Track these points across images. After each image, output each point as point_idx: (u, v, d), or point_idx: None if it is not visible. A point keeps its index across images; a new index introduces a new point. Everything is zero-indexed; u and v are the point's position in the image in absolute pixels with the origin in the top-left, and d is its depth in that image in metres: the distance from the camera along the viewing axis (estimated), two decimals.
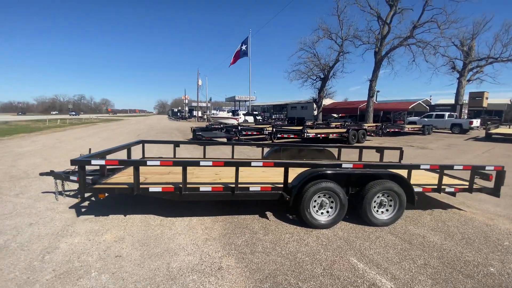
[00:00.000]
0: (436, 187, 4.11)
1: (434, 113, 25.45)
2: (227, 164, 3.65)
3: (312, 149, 6.21)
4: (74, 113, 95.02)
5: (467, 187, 4.25)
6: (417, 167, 4.01)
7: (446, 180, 4.84)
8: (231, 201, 4.51)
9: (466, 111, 29.78)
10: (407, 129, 19.87)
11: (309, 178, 3.56)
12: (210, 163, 3.57)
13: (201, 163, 3.52)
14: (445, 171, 5.25)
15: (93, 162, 3.42)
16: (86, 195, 4.66)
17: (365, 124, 19.14)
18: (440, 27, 23.19)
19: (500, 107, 42.70)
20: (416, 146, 13.80)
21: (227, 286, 2.42)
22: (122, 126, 28.83)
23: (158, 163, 3.42)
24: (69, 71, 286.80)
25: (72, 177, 4.15)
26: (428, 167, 4.00)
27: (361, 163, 3.78)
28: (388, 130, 18.86)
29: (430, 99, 48.09)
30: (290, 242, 3.27)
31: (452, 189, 4.22)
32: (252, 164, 3.62)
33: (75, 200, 4.60)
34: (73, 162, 3.38)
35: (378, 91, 38.62)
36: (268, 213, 4.16)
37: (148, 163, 3.43)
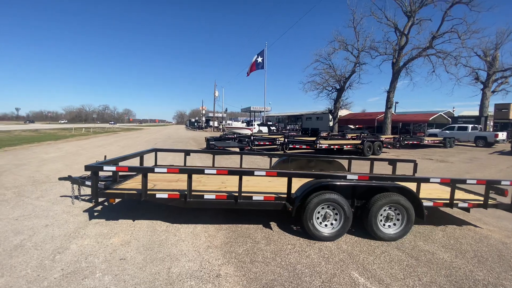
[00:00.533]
0: (448, 201, 3.96)
1: (457, 125, 24.39)
2: (230, 172, 3.73)
3: (321, 160, 6.17)
4: (113, 122, 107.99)
5: (482, 202, 4.05)
6: (426, 180, 3.89)
7: (461, 195, 4.65)
8: (237, 210, 4.56)
9: (492, 124, 28.36)
10: (426, 141, 19.15)
11: (313, 188, 3.55)
12: (214, 171, 3.66)
13: (206, 171, 3.62)
14: (461, 186, 5.06)
15: (105, 168, 3.61)
16: (100, 200, 4.88)
17: (382, 136, 18.67)
18: (460, 38, 22.56)
19: None
20: (435, 160, 13.26)
21: None
22: (141, 135, 29.90)
23: (165, 170, 3.56)
24: (97, 82, 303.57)
25: (87, 182, 4.39)
26: (438, 180, 3.87)
27: (366, 175, 3.72)
28: (406, 142, 18.27)
29: (453, 111, 46.22)
30: (291, 253, 3.26)
31: (465, 205, 4.03)
32: (255, 173, 3.67)
33: (90, 204, 4.83)
34: (87, 167, 3.60)
35: (397, 102, 37.86)
36: (272, 224, 4.15)
37: (156, 170, 3.58)
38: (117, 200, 4.83)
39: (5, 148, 13.80)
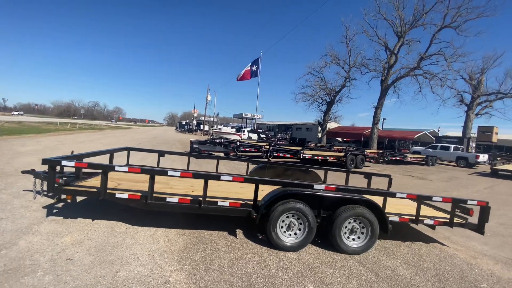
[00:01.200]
0: (414, 218, 3.96)
1: (440, 144, 25.03)
2: (195, 175, 3.63)
3: (298, 170, 6.14)
4: (114, 120, 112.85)
5: (448, 220, 4.08)
6: (393, 195, 3.90)
7: (429, 212, 4.68)
8: (206, 216, 4.43)
9: (474, 145, 29.25)
10: (409, 158, 19.51)
11: (278, 196, 3.49)
12: (178, 174, 3.55)
13: (169, 173, 3.51)
14: (432, 203, 5.11)
15: (63, 163, 3.46)
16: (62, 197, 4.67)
17: (367, 150, 18.92)
18: (447, 60, 23.35)
19: None
20: (415, 176, 13.48)
21: None
22: (127, 134, 29.34)
23: (126, 169, 3.44)
24: (87, 78, 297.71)
25: None
26: (404, 196, 3.88)
27: (333, 186, 3.69)
28: (389, 158, 18.56)
29: (439, 131, 47.49)
30: (250, 262, 3.16)
31: (431, 222, 4.05)
32: (222, 178, 3.59)
33: (52, 201, 4.60)
34: (44, 161, 3.43)
35: (384, 119, 38.72)
36: (238, 231, 4.06)
37: (116, 168, 3.44)
38: (79, 199, 4.63)
39: None
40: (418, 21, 24.41)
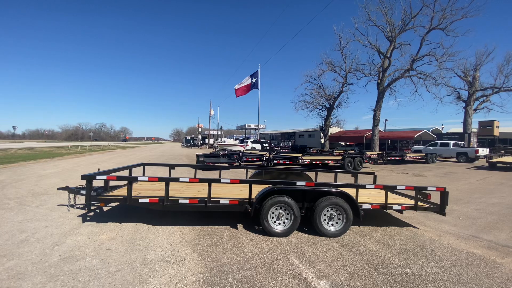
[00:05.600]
0: (383, 204, 4.75)
1: (439, 142, 25.53)
2: (201, 180, 4.53)
3: (291, 173, 6.98)
4: (122, 139, 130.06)
5: (413, 205, 4.84)
6: (362, 186, 4.71)
7: (402, 200, 5.44)
8: (211, 214, 5.30)
9: (475, 140, 29.56)
10: (409, 157, 20.08)
11: (267, 192, 4.35)
12: (187, 180, 4.46)
13: (181, 180, 4.41)
14: (403, 192, 5.87)
15: (97, 177, 4.39)
16: (92, 208, 5.60)
17: (368, 152, 19.63)
18: (438, 61, 24.18)
19: None
20: (412, 174, 14.09)
21: (184, 270, 3.19)
22: (136, 153, 30.57)
23: (146, 179, 4.36)
24: (95, 100, 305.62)
25: (82, 191, 5.14)
26: (372, 186, 4.69)
27: (313, 182, 4.53)
28: (389, 158, 19.18)
29: (442, 128, 47.83)
30: (247, 245, 3.99)
31: (399, 207, 4.82)
32: (222, 181, 4.47)
33: (83, 211, 5.54)
34: (83, 176, 4.38)
35: (386, 120, 39.33)
36: (239, 225, 4.89)
37: (139, 179, 4.37)
38: (106, 208, 5.55)
39: (4, 165, 14.43)
40: (407, 25, 25.47)
